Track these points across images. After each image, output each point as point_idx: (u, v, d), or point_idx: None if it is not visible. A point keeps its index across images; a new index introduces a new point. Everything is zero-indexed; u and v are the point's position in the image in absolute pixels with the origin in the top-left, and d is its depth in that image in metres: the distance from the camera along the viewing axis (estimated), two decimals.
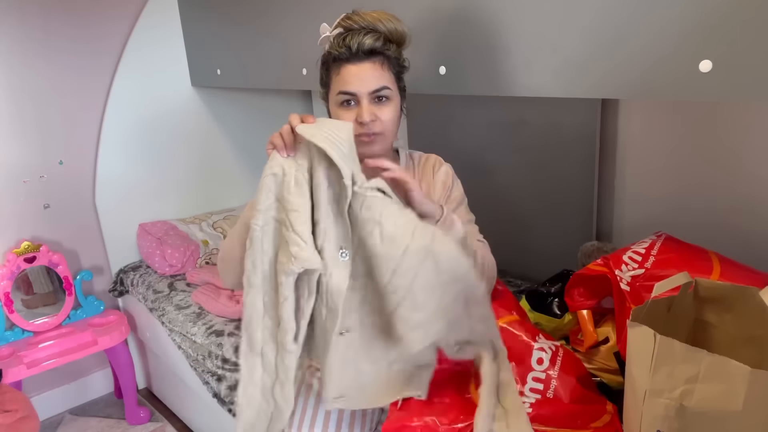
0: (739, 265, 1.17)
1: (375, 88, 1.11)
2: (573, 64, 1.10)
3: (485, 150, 2.07)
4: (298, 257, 0.92)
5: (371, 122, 1.11)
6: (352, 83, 1.11)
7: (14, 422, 1.62)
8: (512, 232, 2.08)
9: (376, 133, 1.12)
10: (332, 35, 1.14)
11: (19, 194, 2.16)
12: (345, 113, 1.13)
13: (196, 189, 2.58)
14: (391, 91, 1.13)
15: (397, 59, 1.16)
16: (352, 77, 1.11)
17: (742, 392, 0.77)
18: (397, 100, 1.16)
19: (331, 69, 1.15)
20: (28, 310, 2.14)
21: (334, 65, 1.13)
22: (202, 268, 2.27)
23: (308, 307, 0.98)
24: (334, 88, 1.14)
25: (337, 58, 1.12)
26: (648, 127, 1.70)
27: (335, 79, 1.13)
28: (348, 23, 1.12)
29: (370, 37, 1.10)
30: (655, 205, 1.73)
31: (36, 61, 2.12)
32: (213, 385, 1.70)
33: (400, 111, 1.18)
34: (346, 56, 1.11)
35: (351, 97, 1.12)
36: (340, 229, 0.97)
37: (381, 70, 1.12)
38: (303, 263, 0.93)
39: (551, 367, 1.12)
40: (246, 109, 2.67)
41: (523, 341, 1.15)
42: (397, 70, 1.16)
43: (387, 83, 1.12)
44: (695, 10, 0.92)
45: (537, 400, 1.07)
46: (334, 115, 1.16)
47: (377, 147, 1.14)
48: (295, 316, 0.98)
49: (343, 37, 1.11)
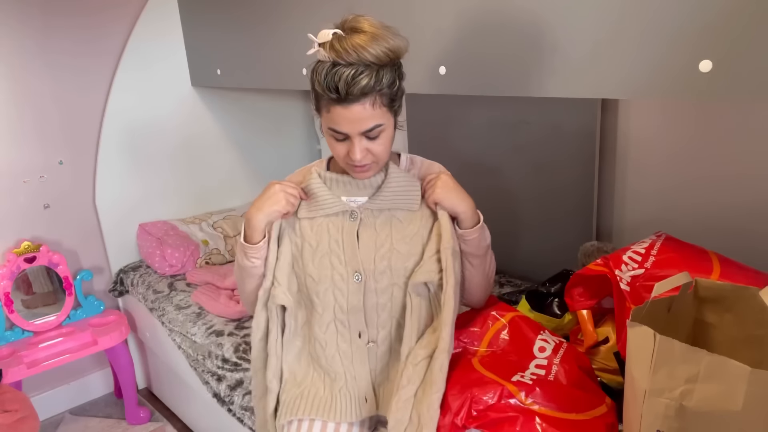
0: (739, 265, 1.17)
1: (365, 129, 1.06)
2: (573, 64, 1.10)
3: (485, 150, 2.07)
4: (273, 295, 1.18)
5: (363, 158, 1.10)
6: (341, 124, 1.06)
7: (14, 422, 1.62)
8: (512, 232, 2.08)
9: (368, 163, 1.12)
10: (318, 67, 1.06)
11: (19, 194, 2.16)
12: (337, 145, 1.11)
13: (196, 189, 2.58)
14: (383, 127, 1.09)
15: (390, 88, 1.07)
16: (341, 119, 1.05)
17: (741, 392, 0.77)
18: (391, 125, 1.12)
19: (320, 100, 1.08)
20: (28, 310, 2.14)
21: (323, 100, 1.06)
22: (202, 268, 2.27)
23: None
24: (325, 121, 1.10)
25: (325, 96, 1.05)
26: (648, 127, 1.70)
27: (325, 115, 1.08)
28: (333, 55, 1.02)
29: (361, 77, 1.01)
30: (655, 205, 1.73)
31: (36, 61, 2.12)
32: (213, 385, 1.70)
33: (394, 131, 1.14)
34: (334, 98, 1.03)
35: (342, 135, 1.09)
36: (351, 257, 1.16)
37: (372, 109, 1.05)
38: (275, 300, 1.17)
39: (554, 356, 1.15)
40: (246, 109, 2.67)
41: (526, 334, 1.20)
42: (391, 98, 1.09)
43: (379, 120, 1.07)
44: (695, 10, 0.92)
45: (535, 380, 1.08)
46: (327, 139, 1.14)
47: (371, 173, 1.15)
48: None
49: (332, 75, 1.02)
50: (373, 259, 1.16)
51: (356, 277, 1.16)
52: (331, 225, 1.18)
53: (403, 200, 1.17)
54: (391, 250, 1.16)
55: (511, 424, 1.00)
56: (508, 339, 1.21)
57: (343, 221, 1.18)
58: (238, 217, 2.51)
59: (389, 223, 1.17)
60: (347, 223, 1.18)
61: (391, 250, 1.16)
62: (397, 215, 1.18)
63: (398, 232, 1.17)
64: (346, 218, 1.18)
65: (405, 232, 1.17)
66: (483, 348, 1.22)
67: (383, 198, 1.17)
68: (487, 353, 1.20)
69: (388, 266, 1.15)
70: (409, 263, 1.16)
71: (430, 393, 1.08)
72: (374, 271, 1.16)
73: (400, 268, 1.16)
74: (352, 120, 1.05)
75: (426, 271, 1.14)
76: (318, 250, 1.17)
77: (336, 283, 1.17)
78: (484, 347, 1.22)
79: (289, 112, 2.83)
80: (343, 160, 1.13)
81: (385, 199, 1.17)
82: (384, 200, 1.17)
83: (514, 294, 1.73)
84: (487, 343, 1.22)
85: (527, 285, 1.89)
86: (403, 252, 1.16)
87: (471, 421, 1.03)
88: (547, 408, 1.02)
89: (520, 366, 1.13)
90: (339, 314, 1.18)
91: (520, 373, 1.11)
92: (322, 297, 1.18)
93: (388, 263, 1.15)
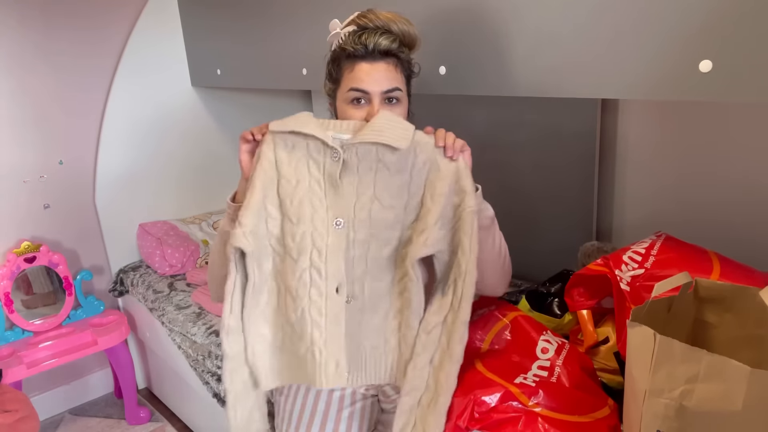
0: (739, 265, 1.17)
1: (388, 88, 1.11)
2: (573, 64, 1.10)
3: (485, 150, 2.07)
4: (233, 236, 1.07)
5: None
6: (365, 81, 1.10)
7: (14, 422, 1.62)
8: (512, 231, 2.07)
9: None
10: (345, 32, 1.14)
11: (19, 194, 2.16)
12: (354, 111, 1.12)
13: (196, 189, 2.58)
14: (402, 93, 1.14)
15: (409, 62, 1.17)
16: (366, 75, 1.10)
17: (741, 392, 0.77)
18: (406, 104, 1.17)
19: (342, 65, 1.14)
20: (28, 310, 2.14)
21: (347, 61, 1.12)
22: (202, 268, 2.27)
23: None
24: (346, 84, 1.13)
25: (352, 54, 1.11)
26: (648, 127, 1.70)
27: (347, 76, 1.12)
28: (363, 21, 1.12)
29: (386, 37, 1.10)
30: (655, 205, 1.73)
31: (36, 61, 2.12)
32: (213, 385, 1.70)
33: (407, 115, 1.19)
34: (361, 54, 1.10)
35: (362, 95, 1.11)
36: (333, 201, 1.09)
37: (394, 71, 1.12)
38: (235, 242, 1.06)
39: (556, 357, 1.15)
40: (246, 109, 2.67)
41: (529, 334, 1.20)
42: (407, 73, 1.17)
43: (399, 84, 1.13)
44: (695, 10, 0.92)
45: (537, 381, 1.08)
46: (341, 112, 1.15)
47: None
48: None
49: (359, 35, 1.10)
50: (353, 207, 1.08)
51: (337, 222, 1.08)
52: (312, 163, 1.09)
53: (390, 135, 1.06)
54: (373, 200, 1.08)
55: (513, 426, 1.00)
56: (510, 339, 1.21)
57: (325, 160, 1.09)
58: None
59: (374, 170, 1.08)
60: (329, 162, 1.08)
61: (372, 200, 1.08)
62: (384, 160, 1.07)
63: (382, 180, 1.08)
64: (328, 157, 1.08)
65: (390, 181, 1.08)
66: (485, 347, 1.21)
67: (367, 132, 1.06)
68: (489, 353, 1.19)
69: (368, 216, 1.08)
70: (389, 215, 1.08)
71: (450, 363, 1.05)
72: (354, 220, 1.08)
73: (380, 219, 1.08)
74: (376, 77, 1.10)
75: (434, 240, 1.05)
76: (298, 189, 1.09)
77: (316, 226, 1.08)
78: (486, 346, 1.22)
79: (289, 112, 2.77)
80: None
81: (370, 132, 1.06)
82: (368, 134, 1.06)
83: (514, 294, 1.72)
84: (489, 343, 1.22)
85: (527, 285, 1.88)
86: (385, 203, 1.08)
87: (474, 423, 1.03)
88: (549, 410, 1.02)
89: (522, 367, 1.13)
90: (316, 261, 1.08)
91: (523, 374, 1.10)
92: (299, 240, 1.08)
93: (368, 213, 1.08)
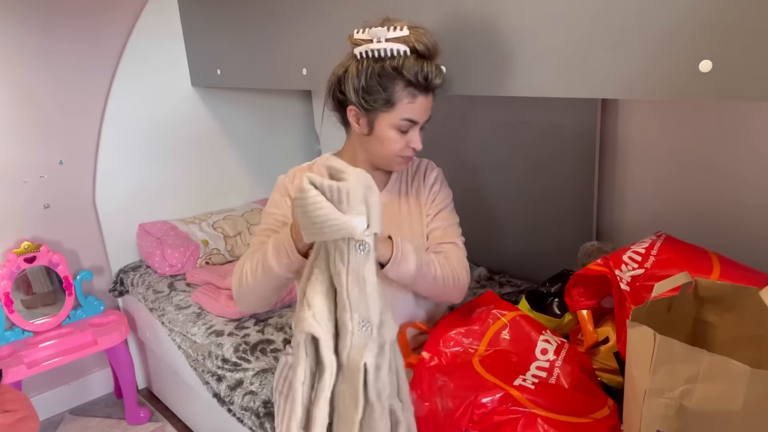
0: (739, 265, 1.17)
1: (427, 119, 1.21)
2: (573, 64, 1.10)
3: (485, 150, 2.07)
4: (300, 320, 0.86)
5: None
6: (419, 114, 1.17)
7: (14, 422, 1.62)
8: (512, 232, 2.08)
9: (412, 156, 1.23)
10: (396, 49, 1.11)
11: (19, 194, 2.16)
12: (398, 136, 1.18)
13: (196, 189, 2.58)
14: None
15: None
16: (421, 109, 1.17)
17: (742, 392, 0.77)
18: None
19: (398, 89, 1.14)
20: (28, 310, 2.13)
21: (406, 89, 1.14)
22: (202, 268, 2.27)
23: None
24: (401, 112, 1.15)
25: (412, 84, 1.13)
26: (648, 127, 1.70)
27: (405, 105, 1.15)
28: (413, 43, 1.12)
29: (440, 77, 1.15)
30: (655, 205, 1.73)
31: (36, 61, 2.12)
32: (213, 385, 1.70)
33: None
34: (423, 87, 1.14)
35: (411, 126, 1.17)
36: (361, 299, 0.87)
37: (433, 99, 1.20)
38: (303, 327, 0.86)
39: (556, 358, 1.15)
40: (246, 109, 2.67)
41: (528, 334, 1.20)
42: None
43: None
44: (695, 10, 0.92)
45: (537, 383, 1.08)
46: (381, 133, 1.18)
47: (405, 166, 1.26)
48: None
49: (421, 66, 1.12)
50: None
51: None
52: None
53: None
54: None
55: (513, 427, 0.99)
56: (509, 339, 1.21)
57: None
58: (238, 217, 2.51)
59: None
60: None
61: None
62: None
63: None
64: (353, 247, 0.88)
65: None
66: (483, 347, 1.21)
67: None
68: (488, 353, 1.19)
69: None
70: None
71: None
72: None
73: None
74: (426, 110, 1.18)
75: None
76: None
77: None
78: (484, 346, 1.21)
79: (289, 112, 2.83)
80: (396, 153, 1.20)
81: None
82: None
83: (514, 294, 1.72)
84: (487, 342, 1.22)
85: (527, 285, 1.89)
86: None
87: (473, 425, 1.02)
88: (549, 411, 1.02)
89: (521, 367, 1.13)
90: None
91: (522, 375, 1.10)
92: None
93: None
